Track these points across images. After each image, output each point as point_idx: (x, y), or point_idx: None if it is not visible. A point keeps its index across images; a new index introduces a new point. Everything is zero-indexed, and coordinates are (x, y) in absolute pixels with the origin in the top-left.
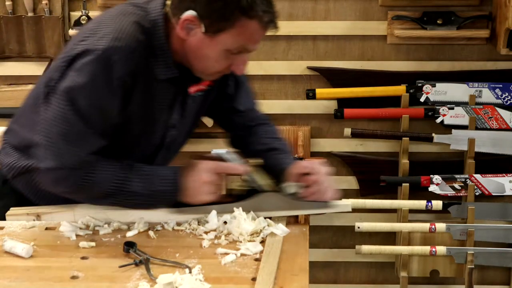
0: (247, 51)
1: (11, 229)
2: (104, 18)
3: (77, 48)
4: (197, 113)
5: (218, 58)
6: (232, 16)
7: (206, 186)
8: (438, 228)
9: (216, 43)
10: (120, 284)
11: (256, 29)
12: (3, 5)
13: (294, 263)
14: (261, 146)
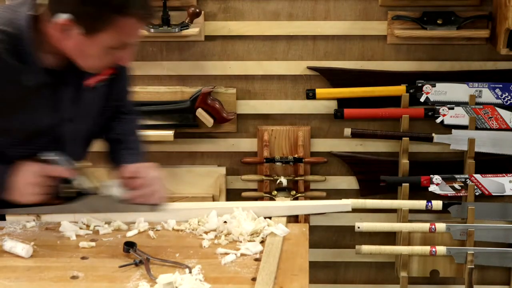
0: (128, 45)
1: (11, 229)
2: None
3: None
4: (103, 103)
5: (101, 55)
6: (106, 16)
7: (31, 187)
8: (438, 228)
9: (96, 43)
10: (120, 284)
11: (133, 24)
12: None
13: (294, 263)
14: (115, 135)
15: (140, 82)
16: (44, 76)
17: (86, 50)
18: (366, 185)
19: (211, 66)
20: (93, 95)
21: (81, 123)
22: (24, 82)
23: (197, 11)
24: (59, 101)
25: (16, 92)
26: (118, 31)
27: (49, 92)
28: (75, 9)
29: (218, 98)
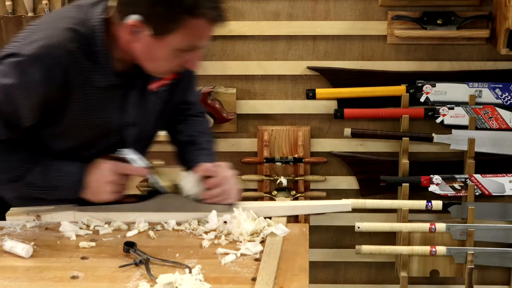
0: (197, 48)
1: (11, 229)
2: (41, 21)
3: (7, 49)
4: (163, 107)
5: (169, 58)
6: (177, 17)
7: (107, 186)
8: (438, 228)
9: (165, 44)
10: (120, 284)
11: (203, 26)
12: (3, 5)
13: (294, 263)
14: (185, 138)
15: None
16: (114, 78)
17: (154, 53)
18: (366, 185)
19: (211, 66)
20: (155, 99)
21: (143, 127)
22: (96, 83)
23: None
24: (126, 104)
25: (88, 93)
26: (188, 33)
27: (118, 94)
28: (145, 10)
29: (218, 98)
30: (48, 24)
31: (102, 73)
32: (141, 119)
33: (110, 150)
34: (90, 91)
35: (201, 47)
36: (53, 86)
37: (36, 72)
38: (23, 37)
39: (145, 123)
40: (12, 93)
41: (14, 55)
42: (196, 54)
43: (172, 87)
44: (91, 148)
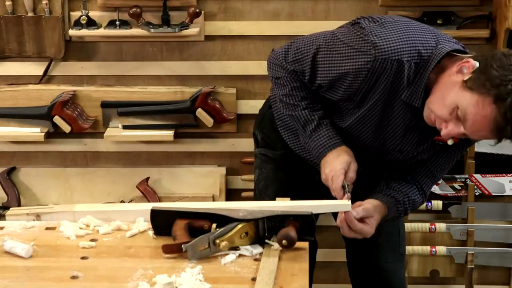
0: (468, 121)
1: (11, 229)
2: (419, 25)
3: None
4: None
5: (443, 113)
6: (491, 89)
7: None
8: (438, 228)
9: (463, 97)
10: (120, 284)
11: (485, 118)
12: (3, 5)
13: (294, 263)
14: (387, 191)
15: (140, 82)
16: (417, 100)
17: (450, 94)
18: None
19: (211, 66)
20: (432, 147)
21: (406, 157)
22: (407, 94)
23: (197, 11)
24: (406, 129)
25: (390, 97)
26: (473, 105)
27: (415, 120)
28: (487, 69)
29: (218, 98)
30: (416, 31)
31: (412, 92)
32: (409, 151)
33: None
34: (394, 101)
35: (471, 126)
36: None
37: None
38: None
39: (409, 155)
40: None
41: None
42: (456, 130)
43: (442, 150)
44: (356, 146)
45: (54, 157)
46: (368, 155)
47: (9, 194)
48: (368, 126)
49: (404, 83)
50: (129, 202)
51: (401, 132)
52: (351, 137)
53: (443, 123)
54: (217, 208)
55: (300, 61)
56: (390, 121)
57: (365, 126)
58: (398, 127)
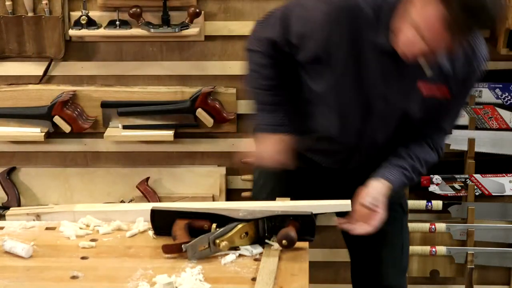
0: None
1: (11, 229)
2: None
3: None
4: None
5: (409, 30)
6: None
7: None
8: (438, 228)
9: (413, 11)
10: (120, 284)
11: (436, 19)
12: (3, 5)
13: (294, 263)
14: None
15: (140, 82)
16: (386, 43)
17: (405, 23)
18: None
19: (211, 66)
20: (419, 100)
21: (393, 108)
22: (375, 39)
23: (197, 11)
24: (384, 75)
25: (357, 47)
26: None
27: (384, 63)
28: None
29: (218, 98)
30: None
31: (377, 34)
32: (393, 98)
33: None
34: (364, 51)
35: (426, 39)
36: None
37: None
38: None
39: (396, 105)
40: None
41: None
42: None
43: (439, 104)
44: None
45: (54, 157)
46: (358, 117)
47: (9, 194)
48: (347, 84)
49: (368, 27)
50: (129, 202)
51: (381, 81)
52: (335, 103)
53: (411, 45)
54: (217, 208)
55: (272, 25)
56: (368, 73)
57: (344, 84)
58: (376, 77)
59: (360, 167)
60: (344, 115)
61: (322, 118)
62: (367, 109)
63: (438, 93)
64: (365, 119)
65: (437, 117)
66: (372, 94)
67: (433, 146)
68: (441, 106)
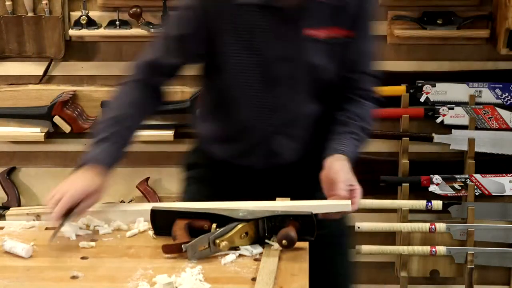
0: None
1: (11, 229)
2: None
3: None
4: (332, 62)
5: None
6: None
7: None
8: (438, 228)
9: None
10: (120, 284)
11: None
12: (3, 5)
13: (294, 263)
14: (344, 117)
15: None
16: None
17: None
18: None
19: None
20: (317, 47)
21: (297, 66)
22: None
23: None
24: (274, 35)
25: (225, 10)
26: None
27: (268, 22)
28: None
29: None
30: None
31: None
32: (292, 57)
33: (259, 90)
34: (234, 11)
35: None
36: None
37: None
38: None
39: (301, 64)
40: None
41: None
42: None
43: (344, 46)
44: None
45: (54, 157)
46: (266, 91)
47: (9, 194)
48: (243, 59)
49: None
50: (129, 202)
51: (273, 43)
52: (239, 86)
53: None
54: (217, 208)
55: (157, 44)
56: (256, 38)
57: (240, 61)
58: (267, 39)
59: (302, 160)
60: (253, 94)
61: (236, 111)
62: (272, 79)
63: (334, 33)
64: (273, 89)
65: (351, 64)
66: (270, 60)
67: (367, 96)
68: (346, 49)
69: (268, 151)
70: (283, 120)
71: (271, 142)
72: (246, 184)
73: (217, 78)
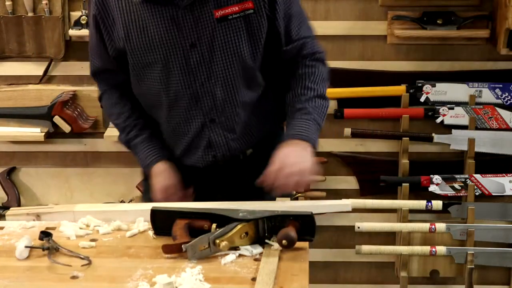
0: None
1: (11, 229)
2: None
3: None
4: (244, 39)
5: None
6: None
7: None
8: (438, 228)
9: None
10: (120, 284)
11: None
12: (3, 5)
13: (294, 263)
14: (290, 98)
15: None
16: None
17: None
18: (366, 185)
19: None
20: (228, 27)
21: (212, 53)
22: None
23: None
24: (179, 24)
25: (129, 6)
26: None
27: (160, 12)
28: None
29: None
30: None
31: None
32: (206, 44)
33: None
34: (131, 6)
35: None
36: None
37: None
38: None
39: (214, 49)
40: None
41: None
42: None
43: (248, 18)
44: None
45: (54, 157)
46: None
47: (9, 194)
48: (161, 55)
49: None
50: (129, 202)
51: (186, 31)
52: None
53: None
54: (217, 208)
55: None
56: (164, 30)
57: (161, 57)
58: (175, 29)
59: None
60: (175, 89)
61: (166, 110)
62: (191, 69)
63: (246, 6)
64: (195, 79)
65: (285, 35)
66: (186, 48)
67: (314, 59)
68: (269, 20)
69: (206, 144)
70: (212, 109)
71: (207, 135)
72: (193, 183)
73: (138, 80)
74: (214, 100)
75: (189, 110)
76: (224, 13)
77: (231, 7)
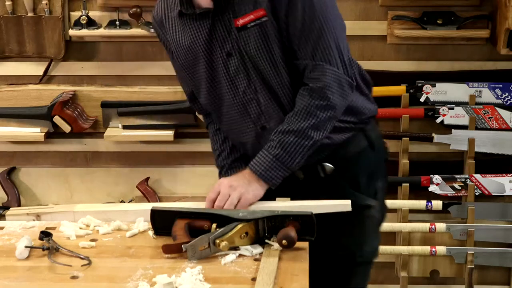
0: None
1: (11, 229)
2: None
3: None
4: (263, 47)
5: None
6: None
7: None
8: (438, 228)
9: None
10: (120, 284)
11: None
12: (3, 5)
13: (294, 263)
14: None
15: (140, 82)
16: (186, 5)
17: None
18: None
19: None
20: (251, 38)
21: (243, 60)
22: (182, 9)
23: None
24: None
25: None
26: None
27: (200, 25)
28: None
29: None
30: None
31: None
32: (239, 53)
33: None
34: (177, 21)
35: None
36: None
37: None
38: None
39: (245, 58)
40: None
41: None
42: None
43: (265, 25)
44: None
45: (54, 157)
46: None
47: (9, 194)
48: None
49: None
50: (129, 202)
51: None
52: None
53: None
54: (217, 208)
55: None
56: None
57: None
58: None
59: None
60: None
61: (223, 119)
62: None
63: (259, 15)
64: (236, 87)
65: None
66: (223, 58)
67: (302, 91)
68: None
69: (258, 148)
70: (259, 116)
71: (262, 145)
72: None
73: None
74: (259, 107)
75: (241, 120)
76: (244, 22)
77: (248, 15)
